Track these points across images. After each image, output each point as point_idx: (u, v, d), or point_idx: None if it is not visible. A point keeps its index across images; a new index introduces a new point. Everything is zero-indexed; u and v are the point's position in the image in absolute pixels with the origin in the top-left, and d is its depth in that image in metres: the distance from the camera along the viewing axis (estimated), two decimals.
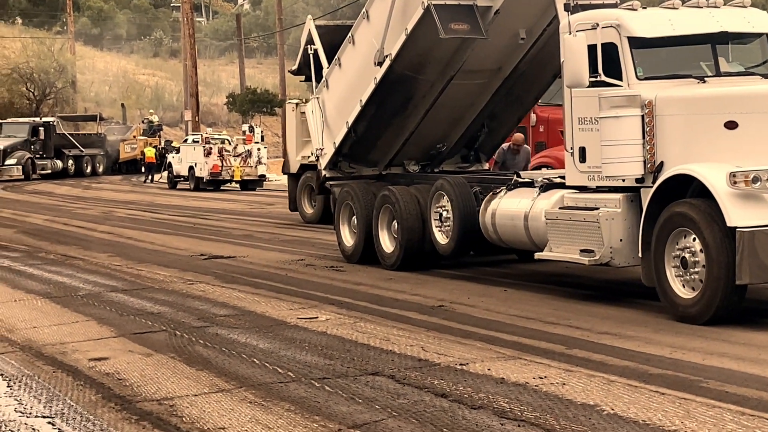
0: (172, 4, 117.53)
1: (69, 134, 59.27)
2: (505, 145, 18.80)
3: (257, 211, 29.83)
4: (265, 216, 28.75)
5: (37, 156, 56.52)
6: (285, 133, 28.54)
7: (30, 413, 8.85)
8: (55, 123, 58.58)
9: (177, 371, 10.15)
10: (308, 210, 27.02)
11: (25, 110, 66.92)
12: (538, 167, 20.64)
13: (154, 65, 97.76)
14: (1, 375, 10.29)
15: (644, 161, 12.36)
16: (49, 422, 8.54)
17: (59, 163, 58.09)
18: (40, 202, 38.84)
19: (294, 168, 27.30)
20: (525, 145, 19.04)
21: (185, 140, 49.81)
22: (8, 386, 9.81)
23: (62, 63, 71.50)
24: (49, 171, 57.07)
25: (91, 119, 64.40)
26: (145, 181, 53.17)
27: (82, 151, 59.48)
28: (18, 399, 9.33)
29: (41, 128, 56.88)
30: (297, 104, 27.59)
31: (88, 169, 59.87)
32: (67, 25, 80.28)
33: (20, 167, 55.17)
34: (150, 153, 54.89)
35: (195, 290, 15.42)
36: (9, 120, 59.22)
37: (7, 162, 54.91)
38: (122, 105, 70.64)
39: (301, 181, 26.97)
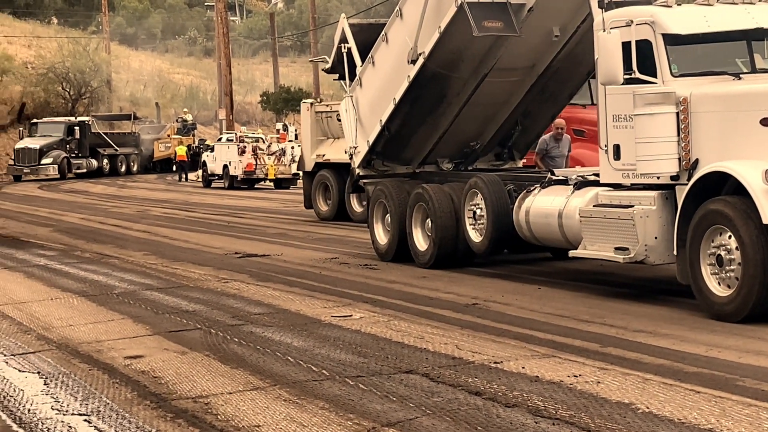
0: (206, 4, 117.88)
1: (104, 133, 59.62)
2: (546, 135, 18.54)
3: (291, 210, 29.87)
4: (298, 214, 28.80)
5: (73, 155, 56.90)
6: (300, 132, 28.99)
7: (66, 411, 8.92)
8: (90, 122, 58.95)
9: (212, 369, 10.20)
10: (323, 207, 27.56)
11: (61, 110, 67.29)
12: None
13: (189, 64, 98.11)
14: (38, 373, 10.37)
15: (679, 158, 12.29)
16: (85, 420, 8.60)
17: (94, 162, 58.46)
18: (75, 200, 39.09)
19: (309, 166, 27.77)
20: (566, 133, 18.76)
21: (219, 139, 49.96)
22: (45, 384, 9.89)
23: (97, 62, 71.84)
24: (85, 170, 57.44)
25: (125, 118, 64.77)
26: (179, 180, 53.37)
27: (116, 150, 59.84)
28: (54, 397, 9.40)
29: (76, 127, 57.28)
30: (312, 104, 28.07)
31: (123, 168, 60.22)
32: (102, 25, 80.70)
33: (56, 166, 55.58)
34: (181, 151, 55.10)
35: (230, 288, 15.47)
36: (45, 119, 59.61)
37: (44, 161, 55.32)
38: (156, 104, 70.95)
39: (316, 178, 27.55)
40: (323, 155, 27.33)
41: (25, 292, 16.00)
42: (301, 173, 29.97)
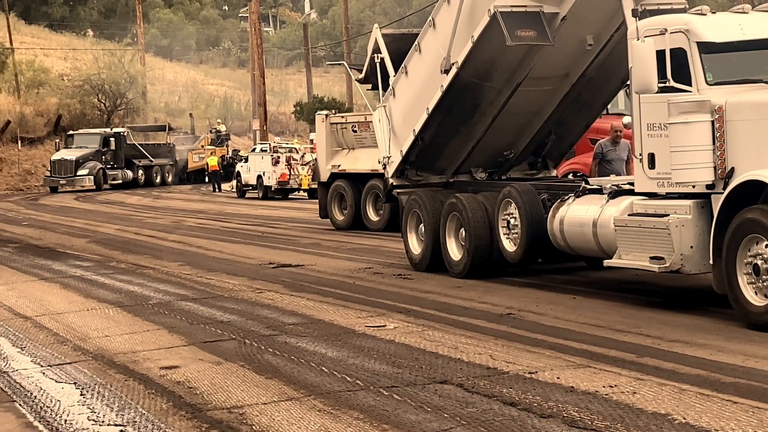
0: (240, 15, 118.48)
1: (139, 144, 59.94)
2: (603, 139, 18.17)
3: (324, 220, 29.87)
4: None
5: (108, 166, 57.27)
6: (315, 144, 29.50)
7: (102, 421, 8.96)
8: (125, 133, 59.28)
9: (246, 379, 10.22)
10: (338, 216, 28.07)
11: (97, 121, 67.75)
12: (566, 174, 20.52)
13: (223, 75, 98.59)
14: (74, 383, 10.43)
15: (714, 167, 12.23)
16: (121, 430, 8.64)
17: (129, 173, 58.81)
18: (111, 211, 39.31)
19: (324, 177, 28.23)
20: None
21: (253, 149, 50.12)
22: (81, 395, 9.94)
23: (133, 74, 72.31)
24: (120, 181, 57.80)
25: (160, 129, 65.11)
26: (213, 190, 53.57)
27: (151, 161, 60.15)
28: (90, 407, 9.44)
29: (112, 139, 57.62)
30: (326, 115, 28.50)
31: (158, 179, 60.52)
32: (138, 37, 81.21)
33: (92, 177, 55.96)
34: (213, 162, 55.31)
35: (264, 299, 15.50)
36: (81, 131, 60.04)
37: (80, 172, 55.69)
38: (190, 115, 71.30)
39: (332, 188, 28.04)
40: (338, 165, 27.77)
41: (62, 302, 16.10)
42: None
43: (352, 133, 27.59)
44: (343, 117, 28.63)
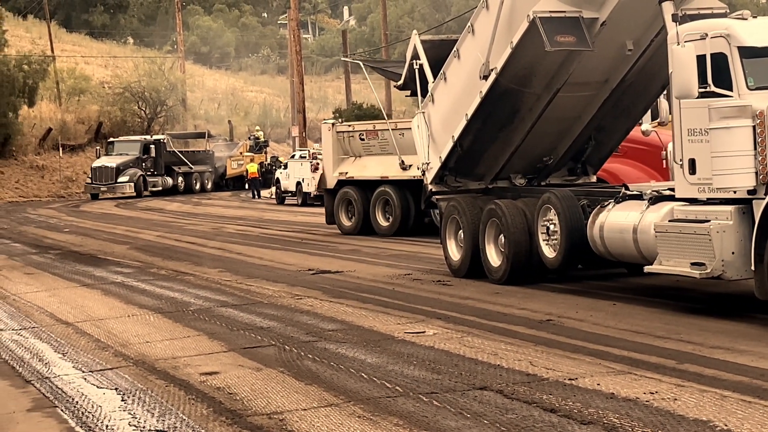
0: (279, 22, 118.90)
1: (179, 151, 60.21)
2: None
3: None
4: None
5: (149, 173, 57.53)
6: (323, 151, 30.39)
7: (143, 427, 9.01)
8: (165, 140, 59.55)
9: (286, 385, 10.25)
10: (346, 222, 28.74)
11: (137, 128, 68.17)
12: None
13: (262, 82, 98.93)
14: (116, 389, 10.50)
15: (756, 172, 12.14)
16: None
17: (169, 180, 59.04)
18: (151, 218, 39.54)
19: (331, 184, 28.94)
20: None
21: (292, 156, 50.22)
22: (122, 400, 10.01)
23: (173, 81, 72.71)
24: (160, 188, 58.05)
25: (199, 137, 65.39)
26: (253, 197, 53.73)
27: (191, 168, 60.35)
28: (132, 413, 9.50)
29: (152, 146, 57.90)
30: (333, 124, 29.34)
31: (197, 186, 60.73)
32: (177, 44, 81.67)
33: (132, 184, 56.25)
34: (253, 169, 55.43)
35: (303, 305, 15.54)
36: (121, 138, 60.37)
37: (120, 179, 56.00)
38: (229, 122, 71.58)
39: (339, 195, 28.74)
40: (346, 173, 28.46)
41: (103, 309, 16.21)
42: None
43: (360, 141, 28.29)
44: (350, 126, 29.50)
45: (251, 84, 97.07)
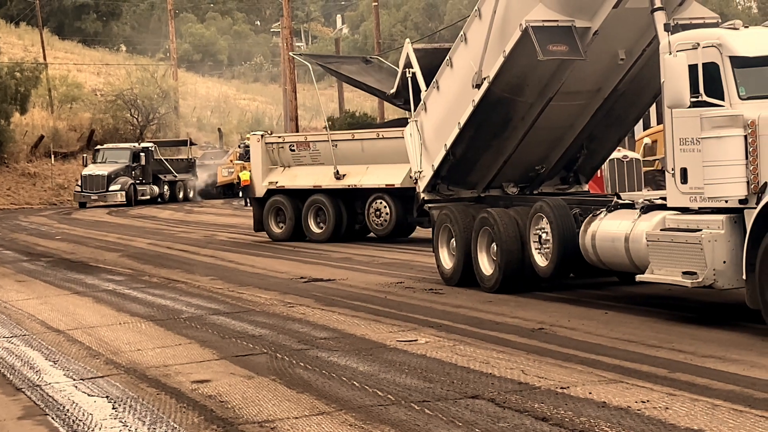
0: (272, 30, 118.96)
1: (165, 160, 59.42)
2: None
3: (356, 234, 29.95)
4: (365, 239, 28.85)
5: (138, 182, 56.84)
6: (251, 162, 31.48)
7: None
8: (153, 149, 58.82)
9: (278, 394, 10.24)
10: (276, 230, 29.73)
11: (129, 136, 67.95)
12: None
13: (255, 90, 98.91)
14: (107, 397, 10.48)
15: (747, 182, 12.17)
16: None
17: (156, 189, 58.20)
18: (143, 226, 39.49)
19: (260, 193, 29.93)
20: None
21: None
22: (113, 408, 9.99)
23: (165, 89, 72.60)
24: (148, 197, 57.30)
25: (182, 144, 64.36)
26: (245, 204, 53.62)
27: (175, 177, 59.62)
28: (123, 421, 9.48)
29: (142, 154, 57.19)
30: (262, 135, 30.55)
31: (181, 195, 59.87)
32: (170, 52, 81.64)
33: (123, 193, 55.61)
34: (245, 176, 55.18)
35: (295, 313, 15.53)
36: (109, 145, 59.56)
37: (112, 188, 55.34)
38: (219, 130, 71.37)
39: (269, 203, 29.74)
40: (276, 182, 29.55)
41: (94, 316, 16.19)
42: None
43: (290, 152, 29.56)
44: (280, 137, 30.80)
45: (244, 92, 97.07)
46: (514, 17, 15.90)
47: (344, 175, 28.00)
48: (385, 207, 27.62)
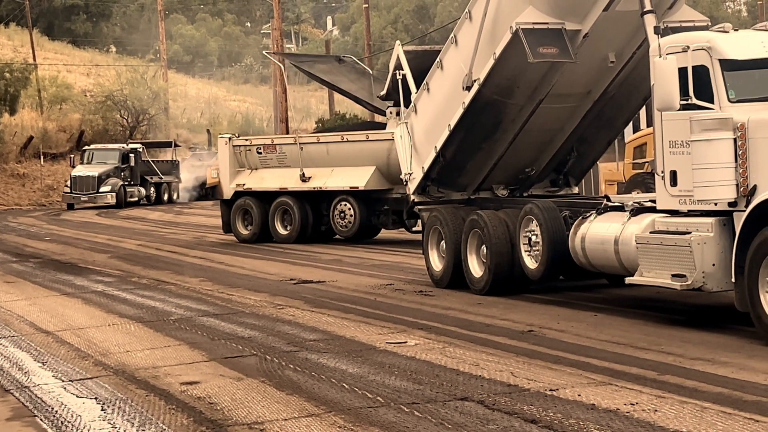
0: (262, 31, 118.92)
1: (152, 161, 58.87)
2: None
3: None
4: (353, 241, 28.85)
5: (126, 183, 56.24)
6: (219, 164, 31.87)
7: None
8: (141, 150, 58.29)
9: (267, 395, 10.23)
10: (243, 231, 30.10)
11: (119, 137, 67.70)
12: None
13: (245, 91, 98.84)
14: (96, 399, 10.46)
15: (737, 185, 12.19)
16: None
17: (143, 191, 57.56)
18: (132, 227, 39.43)
19: (228, 195, 30.31)
20: None
21: None
22: (102, 410, 9.97)
23: (155, 90, 72.44)
24: (136, 198, 56.75)
25: (166, 146, 63.57)
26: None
27: (161, 179, 59.10)
28: (112, 423, 9.47)
29: (131, 155, 56.64)
30: (229, 138, 30.95)
31: (165, 197, 59.22)
32: (160, 53, 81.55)
33: (114, 194, 55.05)
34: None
35: (285, 315, 15.52)
36: (98, 146, 58.98)
37: (102, 189, 54.75)
38: (208, 131, 71.13)
39: (236, 205, 30.14)
40: (243, 184, 29.99)
41: (83, 317, 16.16)
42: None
43: (257, 155, 29.97)
44: (247, 140, 31.16)
45: (234, 93, 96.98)
46: (505, 19, 15.91)
47: (310, 178, 28.48)
48: (349, 209, 27.98)
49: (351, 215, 27.89)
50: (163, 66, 78.75)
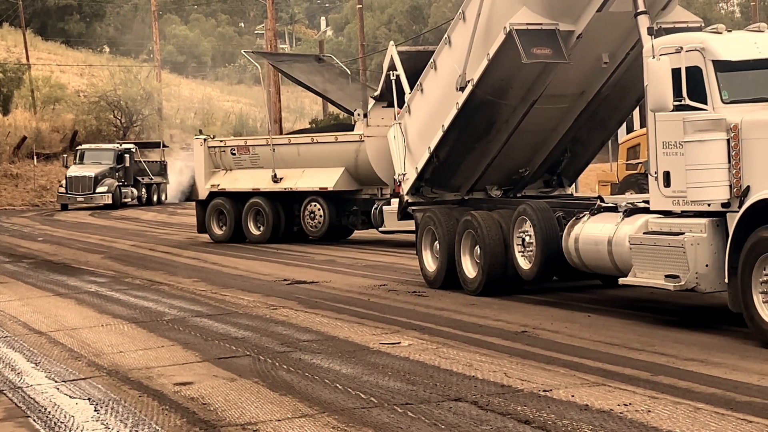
0: (256, 32, 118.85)
1: (144, 161, 58.48)
2: None
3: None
4: (346, 241, 28.87)
5: (120, 183, 55.79)
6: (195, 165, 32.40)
7: None
8: (134, 150, 57.84)
9: (261, 396, 10.22)
10: (217, 231, 30.50)
11: (113, 137, 67.57)
12: None
13: (239, 92, 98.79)
14: (89, 399, 10.45)
15: (730, 185, 12.20)
16: None
17: (135, 191, 57.05)
18: (126, 227, 39.40)
19: (203, 195, 30.78)
20: None
21: None
22: (95, 410, 9.96)
23: (149, 90, 72.35)
24: (130, 199, 56.26)
25: (154, 146, 63.04)
26: None
27: (151, 179, 58.67)
28: (105, 423, 9.46)
29: (126, 155, 56.20)
30: (204, 140, 31.46)
31: (155, 198, 58.70)
32: (154, 53, 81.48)
33: (110, 195, 54.40)
34: None
35: (278, 315, 15.52)
36: (92, 146, 58.42)
37: (99, 190, 54.08)
38: (200, 131, 70.94)
39: (211, 205, 30.58)
40: (218, 185, 30.45)
41: (77, 318, 16.14)
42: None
43: (231, 156, 30.47)
44: (222, 141, 31.67)
45: (227, 93, 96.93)
46: (498, 20, 15.92)
47: (281, 179, 28.93)
48: (318, 210, 28.36)
49: (321, 216, 28.31)
50: (157, 66, 78.66)
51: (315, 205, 28.36)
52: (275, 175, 28.96)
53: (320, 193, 28.09)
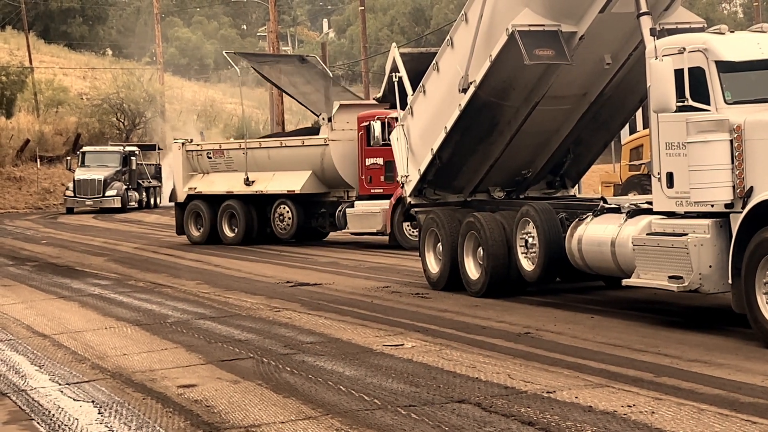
0: (258, 34, 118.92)
1: (145, 165, 58.01)
2: None
3: (342, 238, 30.00)
4: (350, 242, 28.88)
5: (126, 186, 55.26)
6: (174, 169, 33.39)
7: None
8: (138, 152, 57.27)
9: (264, 398, 10.22)
10: (195, 233, 31.31)
11: (115, 140, 67.61)
12: None
13: (241, 94, 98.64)
14: (92, 402, 10.45)
15: (733, 186, 12.19)
16: None
17: (137, 195, 56.45)
18: (129, 230, 39.42)
19: (181, 198, 31.65)
20: None
21: None
22: (99, 413, 9.96)
23: (151, 93, 72.37)
24: (134, 203, 55.76)
25: (150, 149, 62.28)
26: None
27: (150, 182, 58.23)
28: (108, 426, 9.46)
29: (133, 158, 55.62)
30: (183, 143, 32.18)
31: (152, 201, 58.07)
32: (156, 56, 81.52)
33: (119, 198, 53.79)
34: None
35: (281, 317, 15.51)
36: (97, 148, 57.87)
37: (108, 193, 53.28)
38: (201, 133, 70.86)
39: (189, 208, 31.43)
40: (195, 188, 31.25)
41: (80, 321, 16.14)
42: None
43: (207, 160, 31.26)
44: (199, 145, 32.48)
45: (230, 96, 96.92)
46: (501, 22, 15.92)
47: (254, 182, 29.72)
48: (287, 212, 29.04)
49: (289, 218, 28.99)
50: (160, 69, 78.71)
51: (284, 208, 29.08)
52: (248, 178, 29.72)
53: (289, 195, 28.85)
